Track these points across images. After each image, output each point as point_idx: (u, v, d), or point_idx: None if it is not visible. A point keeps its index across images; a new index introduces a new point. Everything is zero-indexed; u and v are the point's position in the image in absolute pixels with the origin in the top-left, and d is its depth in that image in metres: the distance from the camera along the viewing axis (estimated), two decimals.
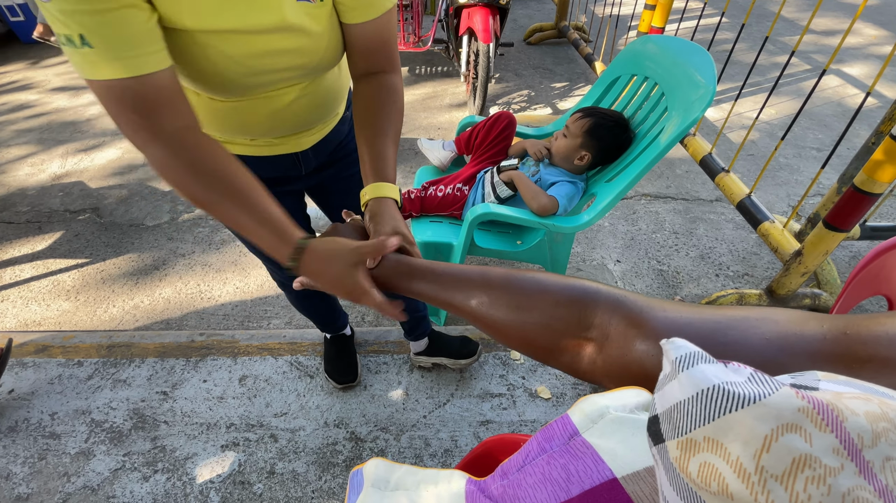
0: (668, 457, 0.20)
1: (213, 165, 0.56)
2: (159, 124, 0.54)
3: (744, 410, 0.17)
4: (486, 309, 0.47)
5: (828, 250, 1.38)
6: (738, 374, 0.19)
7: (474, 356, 1.41)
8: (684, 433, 0.19)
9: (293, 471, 1.21)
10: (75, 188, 2.30)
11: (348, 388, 1.38)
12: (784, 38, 3.80)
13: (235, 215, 0.57)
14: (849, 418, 0.16)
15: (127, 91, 0.52)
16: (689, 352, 0.21)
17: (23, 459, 1.24)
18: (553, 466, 0.35)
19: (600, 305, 0.40)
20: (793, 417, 0.17)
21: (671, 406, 0.20)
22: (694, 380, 0.19)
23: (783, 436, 0.17)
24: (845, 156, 2.32)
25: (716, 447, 0.18)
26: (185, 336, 1.54)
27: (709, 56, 1.18)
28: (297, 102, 0.75)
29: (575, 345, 0.41)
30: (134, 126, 0.54)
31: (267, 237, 0.57)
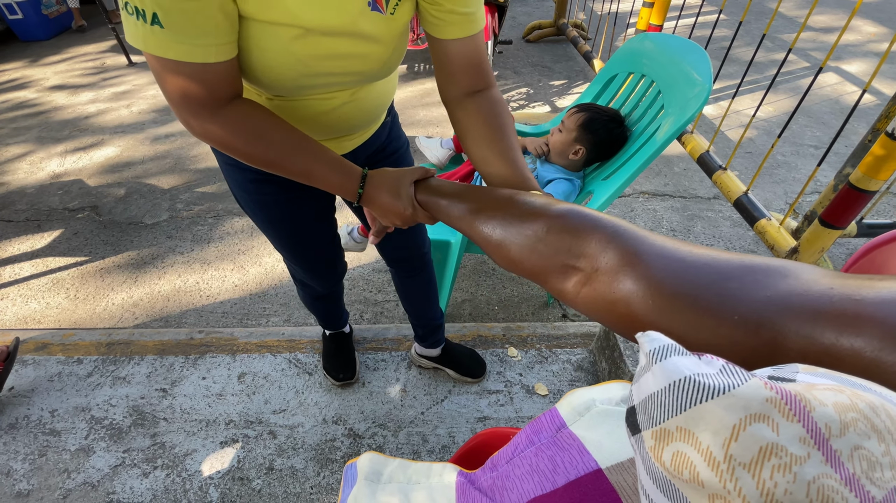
0: (644, 447, 0.21)
1: (272, 128, 0.59)
2: (216, 104, 0.55)
3: (714, 401, 0.18)
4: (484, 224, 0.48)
5: (824, 247, 1.39)
6: (710, 366, 0.20)
7: (481, 377, 1.40)
8: (658, 423, 0.20)
9: (292, 467, 1.22)
10: (74, 186, 2.31)
11: (346, 385, 1.39)
12: (782, 35, 3.80)
13: (303, 165, 0.61)
14: (816, 408, 0.17)
15: (188, 75, 0.52)
16: (662, 345, 0.21)
17: (23, 456, 1.25)
18: (540, 458, 0.36)
19: (595, 235, 0.38)
20: (760, 407, 0.17)
21: (646, 397, 0.21)
22: (667, 372, 0.20)
23: (751, 426, 0.17)
24: (843, 153, 2.32)
25: (688, 436, 0.18)
26: (185, 333, 1.55)
27: (705, 54, 1.19)
28: (344, 107, 0.74)
29: (560, 272, 0.40)
30: (190, 105, 0.55)
31: (336, 177, 0.62)
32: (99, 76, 3.40)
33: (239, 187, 0.87)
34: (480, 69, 0.67)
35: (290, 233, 0.95)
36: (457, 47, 0.64)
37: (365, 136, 0.87)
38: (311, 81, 0.64)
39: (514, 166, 0.63)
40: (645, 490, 0.21)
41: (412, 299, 1.26)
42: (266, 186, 0.85)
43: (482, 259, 1.90)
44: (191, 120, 0.56)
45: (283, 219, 0.92)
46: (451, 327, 1.57)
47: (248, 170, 0.83)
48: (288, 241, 0.97)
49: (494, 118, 0.66)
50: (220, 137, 0.57)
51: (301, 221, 0.93)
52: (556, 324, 1.58)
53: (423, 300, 1.26)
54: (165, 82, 0.53)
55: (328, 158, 0.62)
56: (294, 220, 0.93)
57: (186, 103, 0.54)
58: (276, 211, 0.90)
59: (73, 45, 3.90)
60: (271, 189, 0.86)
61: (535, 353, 1.48)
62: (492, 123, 0.66)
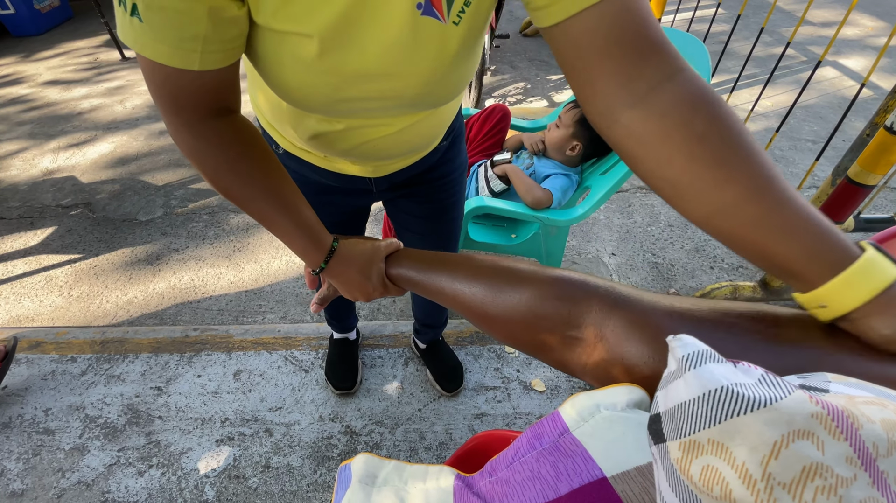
0: (669, 458, 0.20)
1: (252, 162, 0.53)
2: (198, 116, 0.49)
3: (753, 414, 0.17)
4: (469, 297, 0.45)
5: None
6: (748, 376, 0.19)
7: (452, 392, 1.34)
8: (688, 434, 0.19)
9: (288, 465, 1.22)
10: (67, 183, 2.28)
11: (346, 395, 1.36)
12: (781, 29, 3.79)
13: (271, 216, 0.55)
14: (864, 425, 0.16)
15: (168, 78, 0.45)
16: (696, 351, 0.20)
17: (17, 455, 1.24)
18: (542, 464, 0.35)
19: (594, 302, 0.36)
20: (805, 423, 0.16)
21: (675, 405, 0.20)
22: (701, 380, 0.19)
23: (794, 443, 0.16)
24: (840, 148, 2.32)
25: (720, 450, 0.17)
26: (179, 331, 1.53)
27: (704, 47, 1.17)
28: (388, 138, 0.64)
29: (561, 344, 0.38)
30: (169, 110, 0.48)
31: (302, 241, 0.57)
32: (92, 71, 3.36)
33: None
34: (633, 48, 0.37)
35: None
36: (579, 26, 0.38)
37: (410, 161, 0.78)
38: (346, 107, 0.53)
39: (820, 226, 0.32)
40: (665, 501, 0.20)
41: (422, 307, 1.26)
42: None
43: None
44: (167, 122, 0.51)
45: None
46: (450, 323, 1.56)
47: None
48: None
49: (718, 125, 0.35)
50: (193, 150, 0.51)
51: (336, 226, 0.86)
52: None
53: (433, 308, 1.25)
54: (147, 82, 0.47)
55: (300, 219, 0.56)
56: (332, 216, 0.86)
57: (164, 106, 0.48)
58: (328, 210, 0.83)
59: (66, 41, 3.86)
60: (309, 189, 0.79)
61: None
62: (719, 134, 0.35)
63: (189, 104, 0.47)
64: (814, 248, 0.31)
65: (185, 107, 0.47)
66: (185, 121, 0.49)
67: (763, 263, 0.35)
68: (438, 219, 0.93)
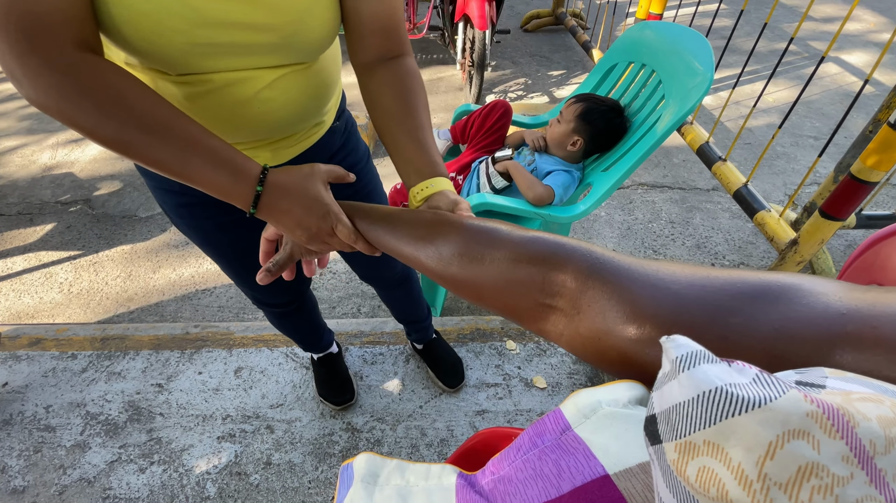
0: (666, 459, 0.20)
1: (135, 93, 0.45)
2: (58, 49, 0.41)
3: (748, 414, 0.17)
4: (439, 261, 0.42)
5: (823, 239, 1.38)
6: (743, 375, 0.19)
7: (454, 388, 1.35)
8: (683, 436, 0.18)
9: (290, 462, 1.22)
10: (66, 179, 2.27)
11: (347, 409, 1.32)
12: (784, 24, 3.77)
13: (180, 155, 0.45)
14: (860, 423, 0.16)
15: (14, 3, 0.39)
16: (690, 352, 0.20)
17: (18, 452, 1.24)
18: (544, 462, 0.35)
19: (570, 267, 0.33)
20: (800, 423, 0.16)
21: (670, 407, 0.20)
22: (695, 382, 0.18)
23: (789, 443, 0.16)
24: (842, 144, 2.31)
25: (716, 451, 0.17)
26: (180, 328, 1.53)
27: (707, 42, 1.17)
28: (265, 93, 0.59)
29: (537, 313, 0.35)
30: (20, 45, 0.40)
31: (217, 175, 0.46)
32: None
33: (171, 211, 0.74)
34: (395, 33, 0.59)
35: (235, 256, 0.83)
36: (369, 7, 0.56)
37: (309, 142, 0.73)
38: (212, 38, 0.50)
39: (422, 149, 0.56)
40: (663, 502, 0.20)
41: (395, 307, 1.24)
42: (202, 210, 0.72)
43: None
44: (17, 68, 0.41)
45: (226, 243, 0.80)
46: (450, 321, 1.56)
47: (178, 192, 0.70)
48: (234, 265, 0.85)
49: (405, 92, 0.59)
50: (61, 93, 0.42)
51: (248, 243, 0.75)
52: None
53: (406, 306, 1.23)
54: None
55: (214, 146, 0.47)
56: (239, 242, 0.79)
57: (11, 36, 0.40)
58: (217, 236, 0.78)
59: None
60: (209, 212, 0.73)
61: (534, 346, 1.47)
62: (401, 97, 0.59)
63: (46, 33, 0.41)
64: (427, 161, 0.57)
65: (40, 37, 0.40)
66: (44, 58, 0.41)
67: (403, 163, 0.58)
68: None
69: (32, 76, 0.42)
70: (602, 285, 0.31)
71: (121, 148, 0.45)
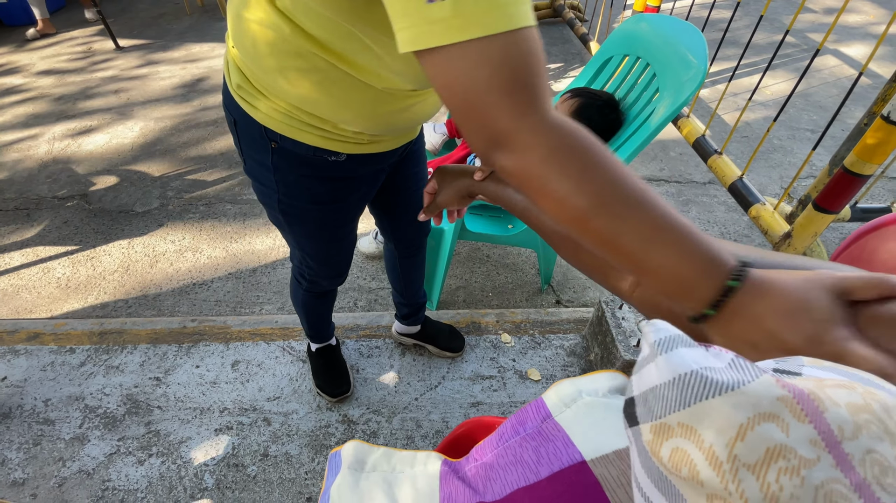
0: (642, 440, 0.20)
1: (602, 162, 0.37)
2: (545, 99, 0.38)
3: (721, 397, 0.17)
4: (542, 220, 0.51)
5: (817, 232, 1.38)
6: (719, 359, 0.19)
7: (459, 352, 1.42)
8: (658, 417, 0.19)
9: (286, 454, 1.23)
10: (63, 174, 2.27)
11: (343, 401, 1.34)
12: (782, 16, 3.75)
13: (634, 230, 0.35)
14: (829, 409, 0.16)
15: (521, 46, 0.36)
16: (668, 336, 0.20)
17: (17, 445, 1.25)
18: (524, 448, 0.36)
19: None
20: (771, 406, 0.16)
21: (647, 389, 0.20)
22: (672, 365, 0.19)
23: (759, 426, 0.16)
24: (839, 137, 2.31)
25: (689, 433, 0.18)
26: (177, 322, 1.54)
27: (701, 35, 1.16)
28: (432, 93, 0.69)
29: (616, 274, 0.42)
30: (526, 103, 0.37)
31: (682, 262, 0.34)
32: (86, 61, 3.33)
33: (311, 199, 0.80)
34: None
35: (334, 234, 0.91)
36: None
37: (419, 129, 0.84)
38: None
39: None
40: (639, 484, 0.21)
41: (408, 278, 1.26)
42: (342, 192, 0.81)
43: (476, 246, 1.89)
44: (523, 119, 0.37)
45: (340, 222, 0.88)
46: (445, 314, 1.57)
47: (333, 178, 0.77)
48: (332, 242, 0.93)
49: None
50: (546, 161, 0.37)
51: (353, 219, 0.91)
52: (550, 310, 1.58)
53: (417, 279, 1.27)
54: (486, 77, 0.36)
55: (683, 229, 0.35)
56: (348, 220, 0.89)
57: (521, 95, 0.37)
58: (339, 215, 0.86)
59: (60, 30, 3.82)
60: (344, 195, 0.81)
61: (529, 339, 1.48)
62: None
63: (538, 84, 0.37)
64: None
65: (534, 92, 0.37)
66: (538, 117, 0.37)
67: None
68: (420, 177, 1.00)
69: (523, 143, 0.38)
70: None
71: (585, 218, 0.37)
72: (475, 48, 0.36)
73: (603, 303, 1.37)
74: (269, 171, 0.76)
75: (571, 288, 1.74)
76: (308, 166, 0.74)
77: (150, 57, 3.35)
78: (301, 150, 0.71)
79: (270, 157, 0.73)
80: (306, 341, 1.48)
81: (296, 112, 0.66)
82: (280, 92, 0.63)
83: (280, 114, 0.67)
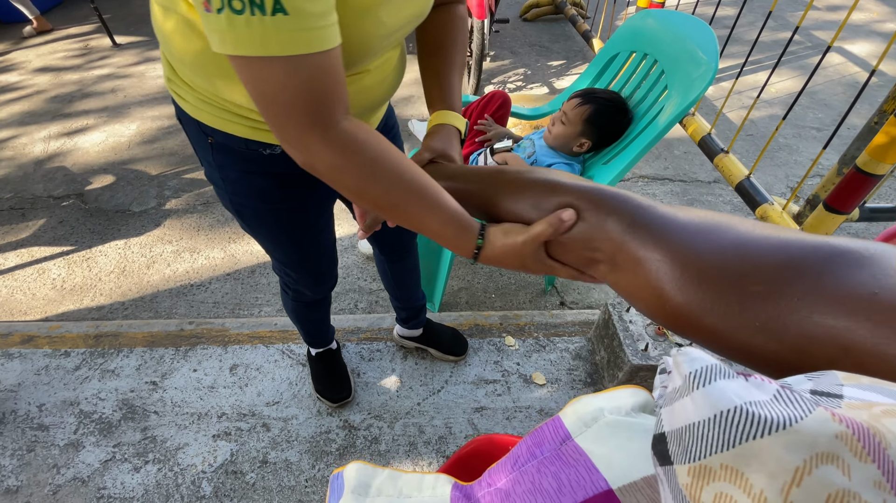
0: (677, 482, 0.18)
1: (390, 163, 0.49)
2: (331, 121, 0.45)
3: (771, 437, 0.15)
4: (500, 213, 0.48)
5: (827, 233, 1.36)
6: (762, 391, 0.17)
7: (462, 356, 1.39)
8: (698, 458, 0.17)
9: (286, 460, 1.20)
10: (58, 173, 2.24)
11: (344, 406, 1.31)
12: (787, 14, 3.72)
13: (419, 215, 0.50)
14: (892, 444, 0.14)
15: (302, 72, 0.42)
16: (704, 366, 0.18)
17: (11, 451, 1.23)
18: (543, 474, 0.33)
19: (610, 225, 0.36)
20: (829, 446, 0.14)
21: (683, 426, 0.18)
22: (711, 401, 0.17)
23: (817, 468, 0.14)
24: (845, 136, 2.28)
25: (735, 477, 0.16)
26: (174, 324, 1.51)
27: (711, 31, 1.14)
28: (392, 71, 0.68)
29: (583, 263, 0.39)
30: (303, 124, 0.44)
31: (450, 233, 0.51)
32: (83, 58, 3.30)
33: (259, 197, 0.76)
34: None
35: (301, 237, 0.88)
36: None
37: (384, 110, 0.81)
38: (388, 42, 0.58)
39: (443, 80, 0.64)
40: None
41: (401, 283, 1.23)
42: (292, 190, 0.77)
43: None
44: (296, 141, 0.46)
45: (301, 224, 0.84)
46: (448, 316, 1.54)
47: (274, 174, 0.73)
48: (295, 249, 0.90)
49: (448, 31, 0.67)
50: (330, 168, 0.47)
51: (316, 221, 0.87)
52: (554, 313, 1.56)
53: (410, 283, 1.24)
54: (272, 92, 0.42)
55: (447, 211, 0.50)
56: (312, 222, 0.86)
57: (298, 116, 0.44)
58: (297, 215, 0.82)
59: (57, 27, 3.78)
60: (295, 192, 0.77)
61: (533, 342, 1.46)
62: (442, 36, 0.67)
63: (325, 109, 0.44)
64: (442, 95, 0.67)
65: (319, 114, 0.44)
66: (319, 134, 0.45)
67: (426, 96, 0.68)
68: None
69: (310, 151, 0.46)
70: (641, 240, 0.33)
71: (377, 206, 0.50)
72: (256, 65, 0.41)
73: (609, 305, 1.35)
74: (214, 169, 0.73)
75: (576, 289, 1.72)
76: (247, 162, 0.71)
77: (147, 54, 3.31)
78: (233, 143, 0.67)
79: (212, 154, 0.71)
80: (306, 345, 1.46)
81: (218, 100, 0.61)
82: (196, 79, 0.59)
83: (206, 104, 0.63)
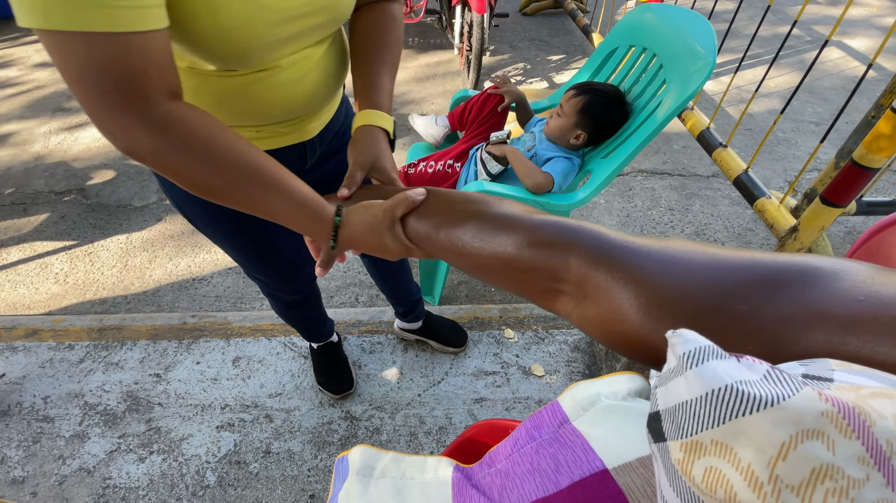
0: (670, 458, 0.19)
1: (224, 145, 0.46)
2: (149, 103, 0.42)
3: (759, 413, 0.16)
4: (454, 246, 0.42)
5: (823, 226, 1.37)
6: (753, 371, 0.18)
7: (462, 348, 1.42)
8: (689, 434, 0.18)
9: (289, 451, 1.22)
10: (59, 168, 2.25)
11: (345, 397, 1.33)
12: (786, 8, 3.71)
13: (263, 201, 0.48)
14: (877, 422, 0.15)
15: (113, 55, 0.39)
16: (697, 347, 0.19)
17: (17, 443, 1.24)
18: (542, 456, 0.34)
19: (575, 253, 0.33)
20: (815, 422, 0.15)
21: (676, 404, 0.19)
22: (703, 379, 0.18)
23: (803, 444, 0.15)
24: (843, 130, 2.29)
25: (725, 452, 0.17)
26: (177, 318, 1.53)
27: (709, 25, 1.14)
28: (315, 71, 0.64)
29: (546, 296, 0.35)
30: (114, 104, 0.41)
31: (302, 219, 0.49)
32: None
33: (191, 200, 0.73)
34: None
35: (254, 240, 0.84)
36: None
37: (329, 114, 0.77)
38: (286, 32, 0.54)
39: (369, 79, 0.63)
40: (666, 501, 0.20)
41: (388, 282, 1.23)
42: None
43: None
44: (111, 122, 0.42)
45: (249, 229, 0.80)
46: (448, 309, 1.55)
47: None
48: (253, 250, 0.86)
49: (376, 29, 0.66)
50: (152, 152, 0.43)
51: (268, 226, 0.80)
52: None
53: (397, 279, 1.23)
54: (76, 69, 0.39)
55: (294, 194, 0.49)
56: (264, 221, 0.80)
57: (106, 96, 0.40)
58: (240, 226, 0.79)
59: None
60: None
61: (532, 335, 1.47)
62: (371, 34, 0.66)
63: (139, 88, 0.41)
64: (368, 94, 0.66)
65: (134, 93, 0.41)
66: (136, 114, 0.42)
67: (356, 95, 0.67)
68: None
69: (128, 133, 0.43)
70: (607, 271, 0.31)
71: (214, 194, 0.48)
72: (56, 39, 0.38)
73: None
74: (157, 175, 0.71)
75: None
76: None
77: None
78: None
79: None
80: None
81: None
82: None
83: None
